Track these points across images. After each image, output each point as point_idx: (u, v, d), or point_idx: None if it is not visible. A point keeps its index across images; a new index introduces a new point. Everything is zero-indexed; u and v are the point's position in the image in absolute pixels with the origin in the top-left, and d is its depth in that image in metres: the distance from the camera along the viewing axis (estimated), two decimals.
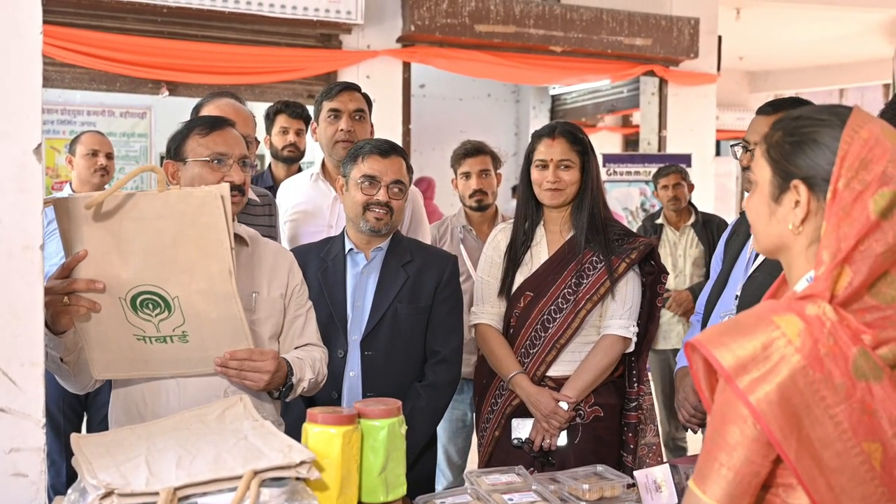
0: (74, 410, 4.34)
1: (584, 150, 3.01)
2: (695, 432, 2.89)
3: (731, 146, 2.83)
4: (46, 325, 2.07)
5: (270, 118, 4.37)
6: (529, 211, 3.07)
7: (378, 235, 2.90)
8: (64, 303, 2.06)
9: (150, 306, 2.14)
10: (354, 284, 2.90)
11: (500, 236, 3.16)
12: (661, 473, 2.11)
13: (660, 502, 2.09)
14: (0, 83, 1.65)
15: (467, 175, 4.20)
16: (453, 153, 4.32)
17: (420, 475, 2.89)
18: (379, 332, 2.86)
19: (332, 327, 2.85)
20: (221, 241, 2.11)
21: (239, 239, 2.43)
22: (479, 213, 4.22)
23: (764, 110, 2.73)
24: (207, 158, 2.35)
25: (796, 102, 2.63)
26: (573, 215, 3.02)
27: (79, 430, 4.30)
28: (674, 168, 5.77)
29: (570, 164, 2.98)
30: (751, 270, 2.69)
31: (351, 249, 2.92)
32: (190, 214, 2.09)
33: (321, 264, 2.91)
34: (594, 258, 2.96)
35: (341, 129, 3.36)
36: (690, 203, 5.79)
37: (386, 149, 2.88)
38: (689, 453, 5.36)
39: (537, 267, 3.02)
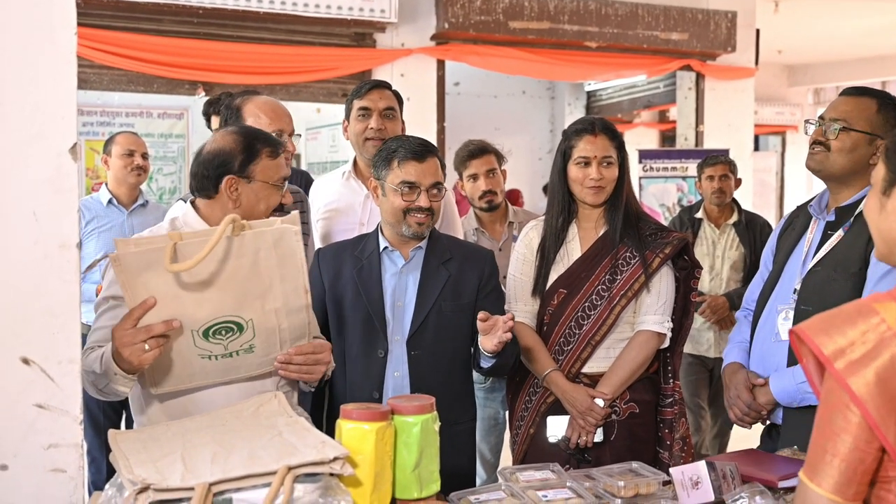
0: (114, 407, 4.39)
1: (620, 145, 3.01)
2: (748, 427, 2.83)
3: (806, 121, 2.81)
4: (119, 365, 2.10)
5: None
6: (563, 207, 3.05)
7: (421, 238, 2.88)
8: (145, 350, 2.06)
9: (223, 332, 2.18)
10: (394, 284, 2.87)
11: (531, 233, 3.13)
12: (697, 470, 2.09)
13: (696, 499, 2.07)
14: (35, 85, 1.67)
15: (475, 177, 4.20)
16: (456, 156, 4.31)
17: (459, 471, 2.87)
18: (425, 331, 2.83)
19: (370, 327, 2.84)
20: (297, 265, 2.19)
21: None
22: (489, 214, 4.21)
23: (849, 92, 2.72)
24: (278, 183, 2.43)
25: (884, 94, 2.67)
26: (608, 211, 3.01)
27: (118, 427, 4.37)
28: (722, 158, 5.41)
29: (612, 161, 2.96)
30: (811, 264, 2.66)
31: (386, 248, 2.89)
32: (265, 249, 2.13)
33: (356, 263, 2.90)
34: (628, 254, 2.95)
35: (371, 128, 3.36)
36: (734, 200, 5.39)
37: (421, 152, 2.83)
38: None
39: (571, 264, 3.00)
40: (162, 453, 1.77)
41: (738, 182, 5.42)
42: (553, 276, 3.02)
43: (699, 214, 5.35)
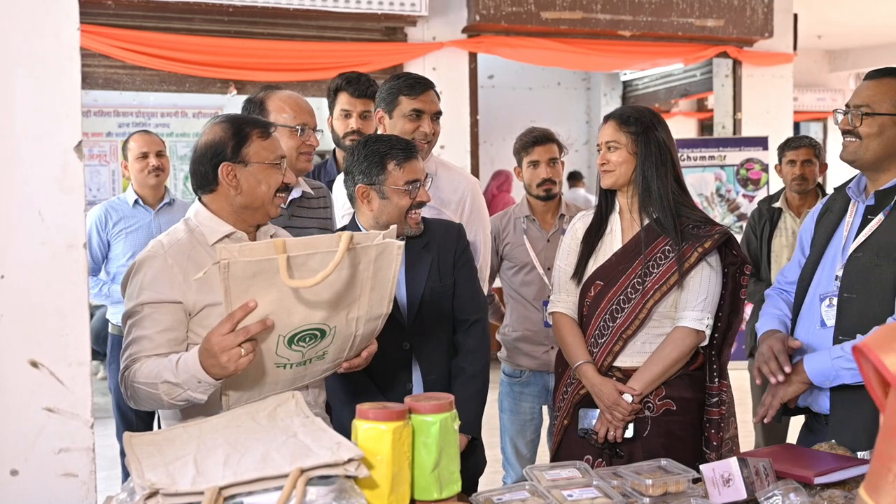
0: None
1: (638, 130, 2.91)
2: (773, 380, 2.62)
3: (834, 111, 2.73)
4: (210, 372, 2.05)
5: (331, 96, 3.91)
6: (603, 198, 3.03)
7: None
8: (242, 355, 2.01)
9: (307, 339, 2.15)
10: None
11: (578, 224, 3.10)
12: (728, 467, 2.02)
13: (727, 497, 2.00)
14: (38, 83, 1.65)
15: (536, 164, 4.12)
16: (518, 141, 4.23)
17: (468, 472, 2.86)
18: (423, 317, 2.86)
19: (390, 322, 2.79)
20: (390, 276, 2.21)
21: (276, 236, 2.50)
22: (543, 203, 4.14)
23: (870, 76, 2.65)
24: (276, 162, 2.40)
25: None
26: (641, 203, 2.94)
27: (151, 429, 4.37)
28: (806, 141, 4.91)
29: (616, 146, 2.92)
30: (851, 250, 2.58)
31: None
32: (365, 262, 2.13)
33: None
34: (666, 248, 2.87)
35: (422, 131, 3.27)
36: (819, 185, 4.91)
37: (414, 150, 2.86)
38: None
39: (610, 255, 2.95)
40: (175, 456, 1.74)
41: (824, 167, 4.98)
42: (592, 268, 2.98)
43: (779, 203, 4.92)
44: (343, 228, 2.92)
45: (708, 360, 2.95)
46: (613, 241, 2.98)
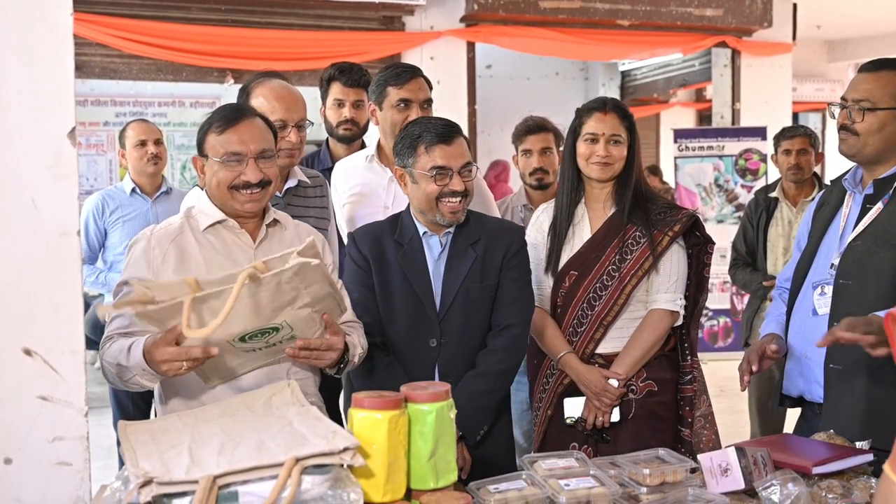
0: (143, 397, 4.39)
1: (631, 126, 2.99)
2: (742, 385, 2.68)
3: (829, 104, 2.71)
4: (152, 367, 2.08)
5: (324, 86, 3.87)
6: (572, 186, 3.03)
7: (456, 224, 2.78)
8: (183, 368, 2.05)
9: (259, 335, 2.16)
10: (433, 271, 2.79)
11: (542, 216, 3.13)
12: (726, 457, 2.02)
13: (725, 487, 2.00)
14: (31, 69, 1.63)
15: (528, 153, 4.11)
16: (515, 129, 4.22)
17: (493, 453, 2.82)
18: (451, 316, 2.76)
19: (421, 315, 2.75)
20: (319, 276, 2.14)
21: (276, 223, 2.49)
22: (540, 192, 4.12)
23: (866, 68, 2.62)
24: (223, 159, 2.34)
25: None
26: (616, 191, 2.99)
27: (148, 416, 4.36)
28: (801, 130, 4.87)
29: (619, 140, 2.94)
30: (850, 238, 2.57)
31: (425, 233, 2.79)
32: (285, 280, 2.09)
33: (398, 248, 2.79)
34: (637, 234, 2.93)
35: (411, 119, 3.22)
36: (816, 175, 4.88)
37: (448, 134, 2.71)
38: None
39: (581, 245, 2.98)
40: (170, 444, 1.73)
41: (820, 157, 4.94)
42: (564, 257, 3.00)
43: (775, 193, 4.88)
44: (398, 214, 2.90)
45: (678, 339, 3.02)
46: (583, 230, 3.02)
